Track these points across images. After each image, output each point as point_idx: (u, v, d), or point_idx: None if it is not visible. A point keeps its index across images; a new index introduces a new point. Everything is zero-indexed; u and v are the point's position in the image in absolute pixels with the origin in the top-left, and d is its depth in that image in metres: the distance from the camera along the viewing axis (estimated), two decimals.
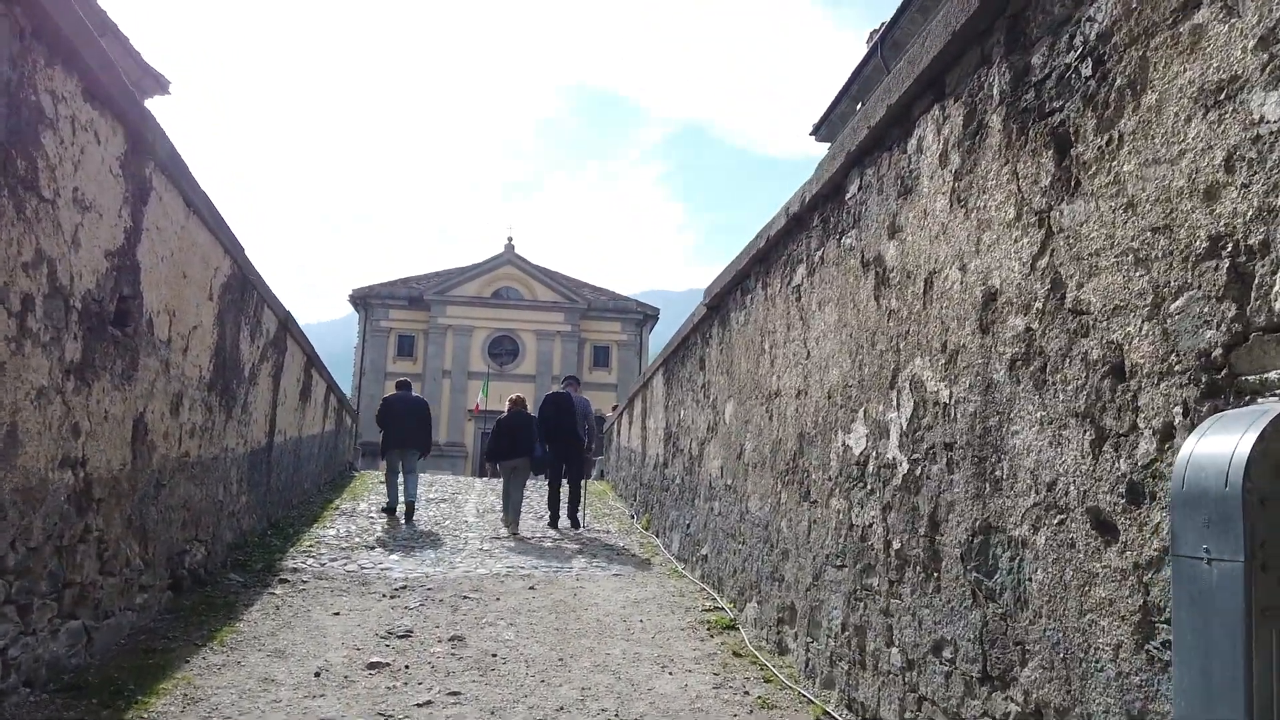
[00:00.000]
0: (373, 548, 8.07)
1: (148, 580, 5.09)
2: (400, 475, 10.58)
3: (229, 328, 6.57)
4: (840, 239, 4.34)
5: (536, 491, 13.45)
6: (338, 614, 5.60)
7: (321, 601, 5.91)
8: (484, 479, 16.96)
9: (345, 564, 7.21)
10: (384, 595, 6.20)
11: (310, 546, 7.87)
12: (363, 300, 44.79)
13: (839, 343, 4.26)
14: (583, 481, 11.10)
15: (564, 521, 10.37)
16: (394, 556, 7.68)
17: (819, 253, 4.66)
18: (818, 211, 4.72)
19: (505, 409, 10.72)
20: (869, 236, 3.96)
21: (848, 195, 4.26)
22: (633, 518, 11.23)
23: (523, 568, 7.44)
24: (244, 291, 6.91)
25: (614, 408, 19.91)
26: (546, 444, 10.44)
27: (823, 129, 34.80)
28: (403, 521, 9.91)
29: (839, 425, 4.17)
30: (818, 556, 4.35)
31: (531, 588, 6.64)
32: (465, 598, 6.19)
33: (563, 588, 6.69)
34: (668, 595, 6.53)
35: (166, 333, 5.13)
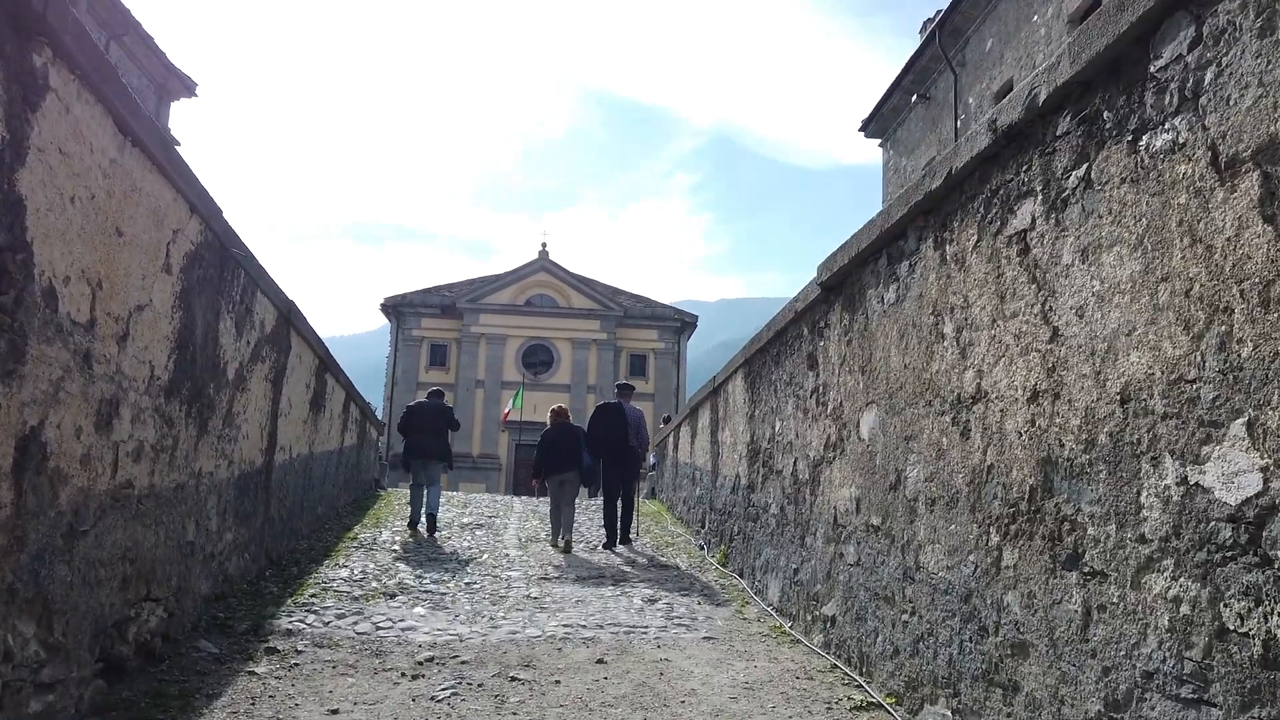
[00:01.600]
0: (393, 595, 6.42)
1: (56, 672, 3.47)
2: (421, 487, 10.01)
3: (201, 314, 4.96)
4: (1142, 138, 2.61)
5: (584, 514, 11.77)
6: (336, 713, 3.93)
7: (317, 688, 4.25)
8: (523, 499, 15.34)
9: (356, 621, 5.56)
10: (403, 674, 4.52)
11: (315, 594, 6.23)
12: (395, 309, 43.68)
13: (1150, 310, 2.53)
14: (635, 499, 10.32)
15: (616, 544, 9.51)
16: (419, 610, 6.02)
17: (1079, 171, 2.93)
18: (1070, 109, 2.99)
19: (548, 421, 10.08)
20: (1237, 116, 2.23)
21: (1161, 61, 2.53)
22: (703, 548, 9.51)
23: (584, 626, 5.73)
24: (224, 268, 5.31)
25: (665, 419, 18.20)
26: (598, 457, 9.83)
27: (873, 124, 33.04)
28: (425, 534, 9.57)
29: (1166, 449, 2.43)
30: (1118, 670, 2.60)
31: (600, 660, 4.93)
32: (514, 679, 4.50)
33: (642, 660, 4.97)
34: (787, 675, 4.78)
35: (86, 311, 3.52)
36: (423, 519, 9.80)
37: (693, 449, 11.20)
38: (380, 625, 5.51)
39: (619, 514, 9.69)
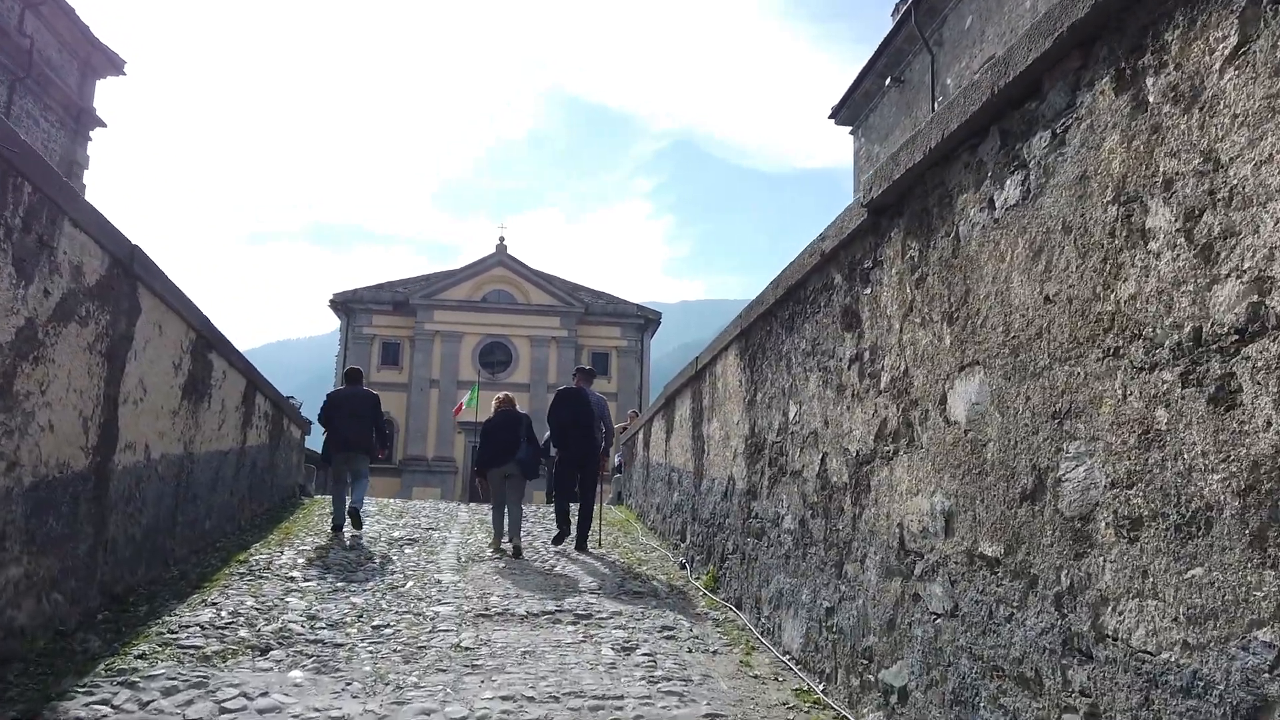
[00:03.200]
0: (266, 649, 4.57)
1: None
2: (345, 486, 9.24)
3: None
4: None
5: (538, 523, 10.02)
6: None
7: None
8: (470, 505, 13.50)
9: (190, 701, 3.73)
10: None
11: (148, 653, 4.38)
12: (344, 305, 41.49)
13: None
14: (597, 498, 9.32)
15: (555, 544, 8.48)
16: (295, 675, 4.19)
17: None
18: None
19: (492, 410, 9.09)
20: None
21: None
22: (684, 567, 7.78)
23: (532, 698, 3.94)
24: None
25: (631, 414, 16.46)
26: (559, 448, 9.05)
27: (844, 111, 31.66)
28: (347, 533, 8.85)
29: None
30: None
31: None
32: None
33: None
34: None
35: None
36: (347, 521, 8.99)
37: (668, 446, 9.48)
38: (228, 707, 3.69)
39: (578, 513, 8.78)
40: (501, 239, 42.82)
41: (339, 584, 6.38)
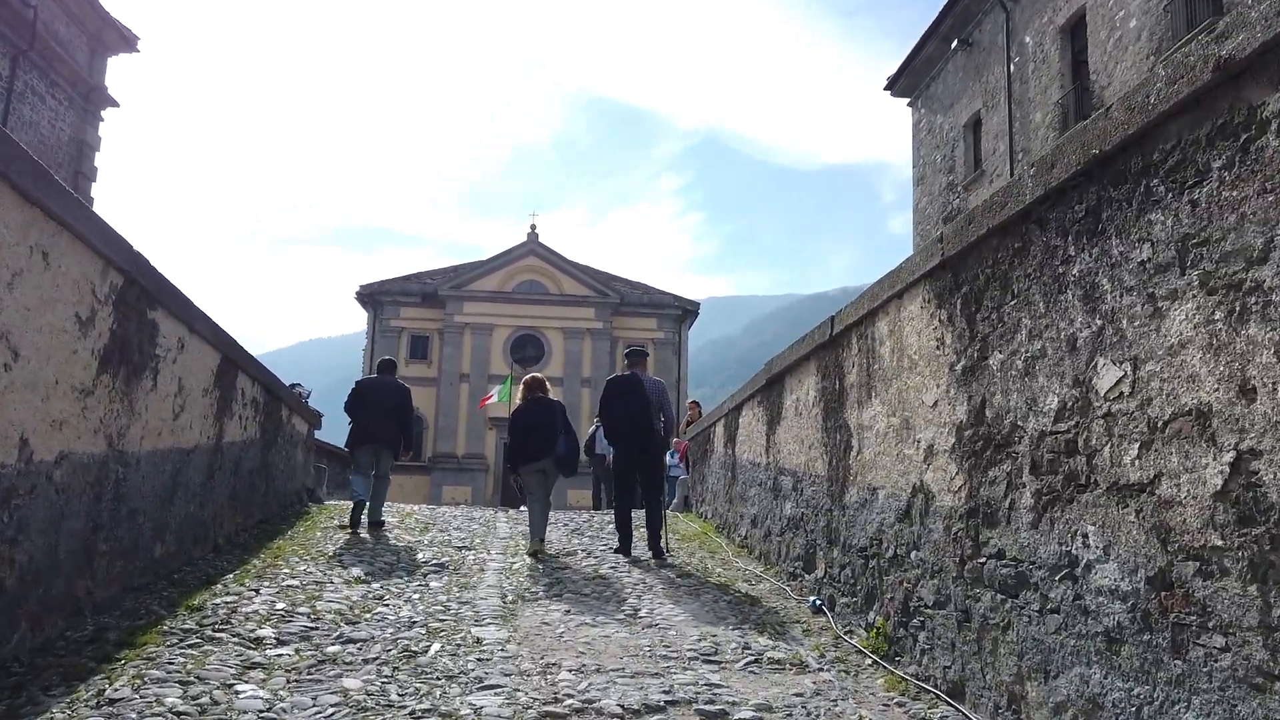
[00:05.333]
0: None
1: None
2: (366, 479, 8.67)
3: None
4: None
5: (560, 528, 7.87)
6: None
7: None
8: (508, 513, 11.34)
9: None
10: None
11: None
12: (371, 298, 39.69)
13: None
14: (663, 502, 8.27)
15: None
16: None
17: None
18: None
19: (519, 397, 8.17)
20: None
21: None
22: (821, 611, 5.51)
23: None
24: None
25: (691, 404, 14.21)
26: (614, 443, 8.23)
27: (902, 80, 29.13)
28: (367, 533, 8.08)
29: None
30: None
31: None
32: None
33: None
34: None
35: None
36: (363, 522, 8.39)
37: (772, 441, 7.23)
38: None
39: (645, 515, 7.71)
40: (533, 226, 40.81)
41: (327, 649, 4.20)
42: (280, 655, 4.03)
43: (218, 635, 4.26)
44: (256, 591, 5.26)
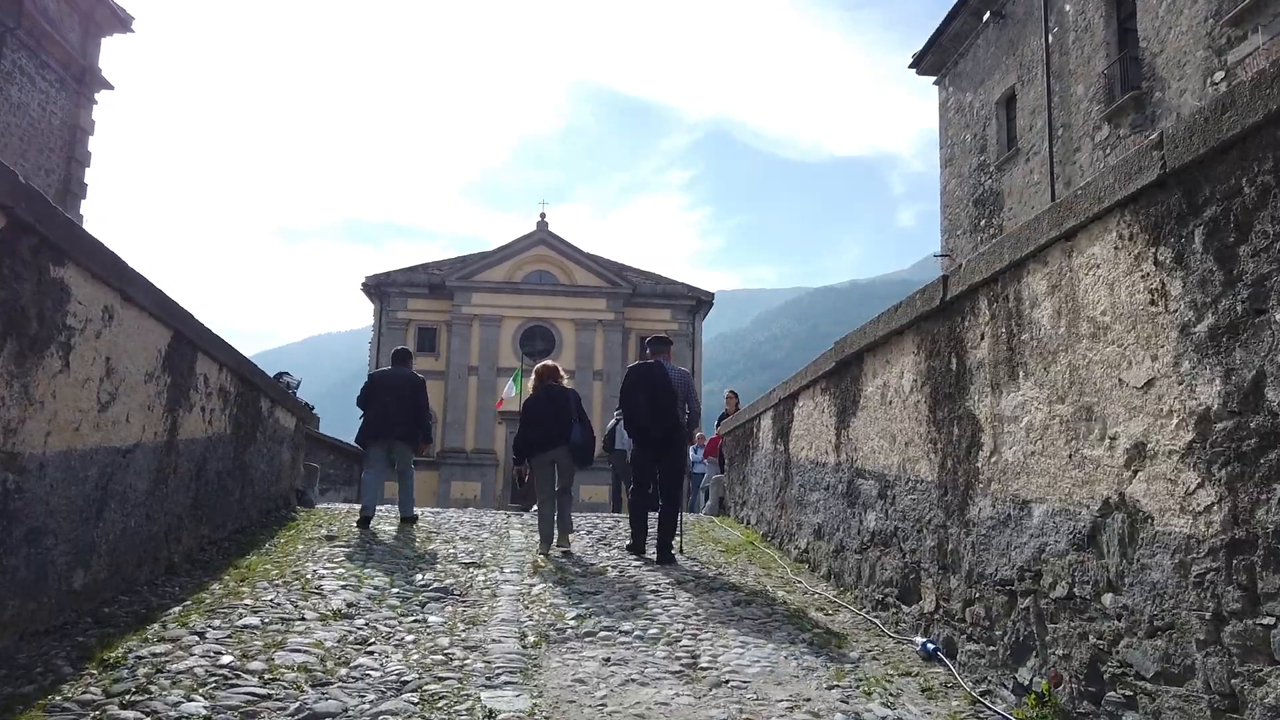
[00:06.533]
0: None
1: None
2: (378, 474, 8.58)
3: None
4: None
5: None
6: None
7: None
8: (521, 517, 10.10)
9: None
10: None
11: None
12: (378, 289, 38.56)
13: None
14: (681, 499, 7.75)
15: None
16: None
17: None
18: None
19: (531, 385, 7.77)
20: None
21: None
22: (938, 656, 4.22)
23: None
24: None
25: (729, 394, 12.93)
26: (635, 436, 7.56)
27: (928, 58, 27.69)
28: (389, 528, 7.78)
29: None
30: None
31: None
32: None
33: None
34: None
35: None
36: (390, 515, 8.53)
37: (846, 438, 5.94)
38: None
39: (658, 515, 7.17)
40: (543, 215, 39.57)
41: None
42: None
43: (122, 715, 3.01)
44: (200, 635, 4.01)
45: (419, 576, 5.81)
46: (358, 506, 10.42)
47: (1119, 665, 2.96)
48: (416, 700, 3.38)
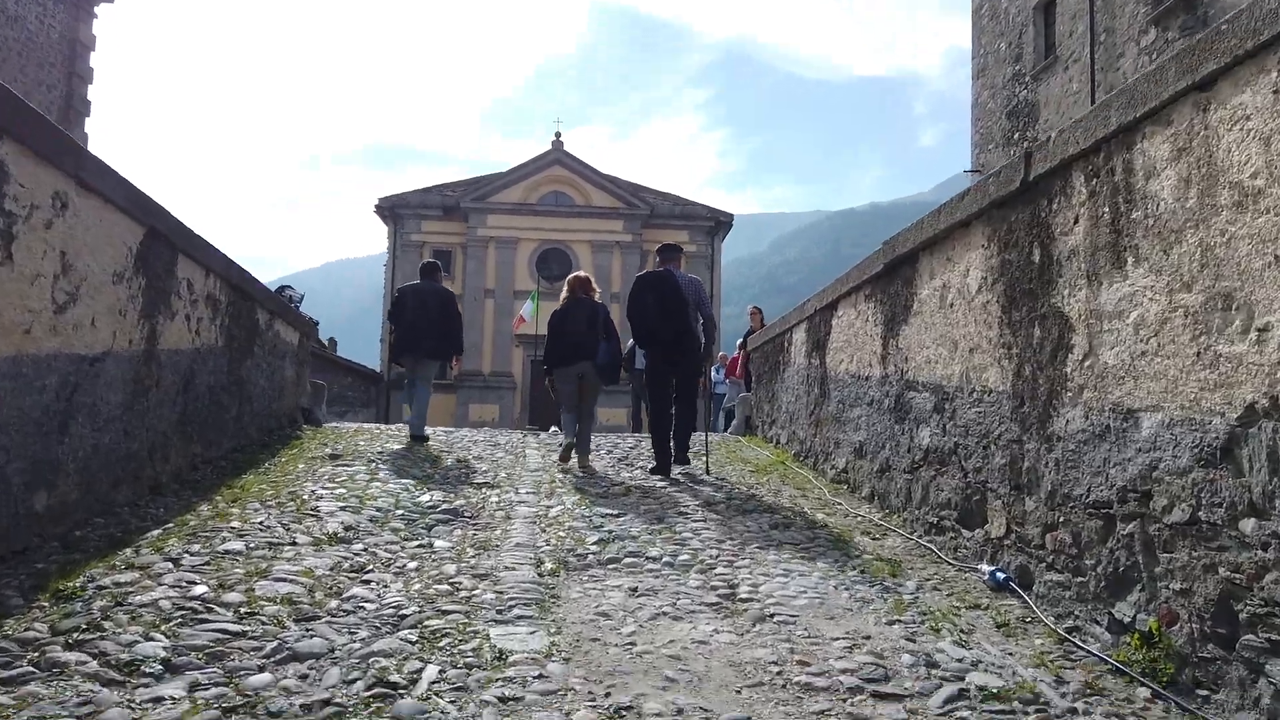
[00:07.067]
0: None
1: None
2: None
3: None
4: None
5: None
6: None
7: None
8: (539, 436, 9.67)
9: None
10: None
11: None
12: (391, 211, 37.81)
13: None
14: (697, 406, 7.52)
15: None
16: None
17: None
18: None
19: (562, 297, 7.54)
20: None
21: None
22: (1010, 585, 3.71)
23: None
24: None
25: (753, 310, 12.33)
26: (646, 348, 7.35)
27: None
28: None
29: None
30: None
31: None
32: None
33: None
34: None
35: None
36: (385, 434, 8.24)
37: (894, 347, 5.35)
38: None
39: (674, 423, 7.09)
40: (558, 134, 38.42)
41: (246, 681, 2.49)
42: (156, 706, 2.31)
43: (65, 658, 2.55)
44: (175, 562, 3.55)
45: (426, 497, 5.35)
46: (368, 426, 10.02)
47: (1261, 604, 2.43)
48: (415, 638, 2.91)
